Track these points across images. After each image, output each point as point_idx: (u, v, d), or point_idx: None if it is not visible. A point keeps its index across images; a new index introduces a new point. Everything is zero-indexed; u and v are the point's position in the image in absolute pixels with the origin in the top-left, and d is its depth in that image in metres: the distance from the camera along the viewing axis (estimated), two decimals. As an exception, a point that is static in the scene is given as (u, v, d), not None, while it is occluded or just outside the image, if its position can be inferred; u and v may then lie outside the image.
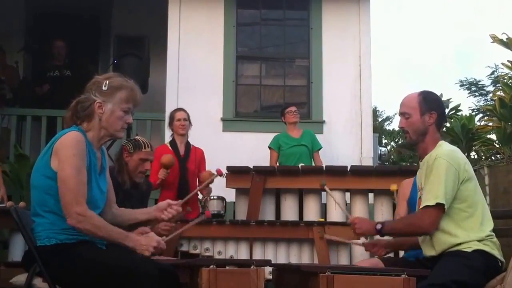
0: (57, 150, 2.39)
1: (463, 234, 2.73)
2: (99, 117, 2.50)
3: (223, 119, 6.91)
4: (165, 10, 6.98)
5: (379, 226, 2.89)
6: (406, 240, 3.13)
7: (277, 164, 5.96)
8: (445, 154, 2.80)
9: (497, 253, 2.76)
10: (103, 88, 2.50)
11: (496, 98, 7.57)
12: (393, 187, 3.55)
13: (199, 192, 5.09)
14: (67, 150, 2.37)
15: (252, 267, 2.99)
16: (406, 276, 2.46)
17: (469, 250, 2.71)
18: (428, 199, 2.74)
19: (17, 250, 4.25)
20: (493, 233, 2.80)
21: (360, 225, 2.97)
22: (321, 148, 6.19)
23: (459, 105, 9.13)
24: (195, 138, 5.22)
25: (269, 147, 6.14)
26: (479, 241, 2.73)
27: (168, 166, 4.73)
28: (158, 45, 7.18)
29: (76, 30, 7.57)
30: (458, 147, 3.22)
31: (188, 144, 5.12)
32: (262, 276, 2.98)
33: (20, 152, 6.29)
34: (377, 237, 3.23)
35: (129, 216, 2.71)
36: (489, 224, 2.81)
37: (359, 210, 4.88)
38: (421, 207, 2.79)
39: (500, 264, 2.75)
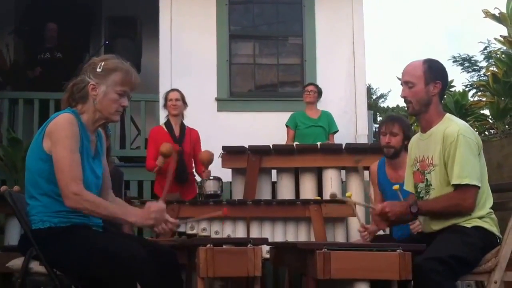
0: (50, 132, 2.38)
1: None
2: (93, 99, 2.46)
3: (217, 99, 6.88)
4: (156, -10, 6.90)
5: (414, 209, 2.74)
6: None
7: (294, 142, 5.94)
8: (466, 130, 2.70)
9: (495, 229, 2.74)
10: (98, 70, 2.47)
11: (489, 73, 7.57)
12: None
13: (195, 173, 5.10)
14: (60, 132, 2.35)
15: (249, 245, 2.99)
16: (402, 251, 2.47)
17: (468, 225, 2.69)
18: (465, 178, 2.63)
19: (13, 234, 4.26)
20: (492, 210, 2.77)
21: (392, 210, 2.81)
22: (338, 131, 6.18)
23: (452, 81, 9.12)
24: (190, 119, 5.20)
25: (286, 125, 6.12)
26: (479, 218, 2.70)
27: (166, 156, 4.67)
28: (150, 25, 7.11)
29: (67, 12, 7.46)
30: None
31: (183, 125, 5.09)
32: (259, 255, 2.97)
33: (13, 136, 6.24)
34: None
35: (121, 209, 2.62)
36: (490, 201, 2.77)
37: (355, 187, 4.89)
38: (454, 183, 2.66)
39: (498, 240, 2.74)
